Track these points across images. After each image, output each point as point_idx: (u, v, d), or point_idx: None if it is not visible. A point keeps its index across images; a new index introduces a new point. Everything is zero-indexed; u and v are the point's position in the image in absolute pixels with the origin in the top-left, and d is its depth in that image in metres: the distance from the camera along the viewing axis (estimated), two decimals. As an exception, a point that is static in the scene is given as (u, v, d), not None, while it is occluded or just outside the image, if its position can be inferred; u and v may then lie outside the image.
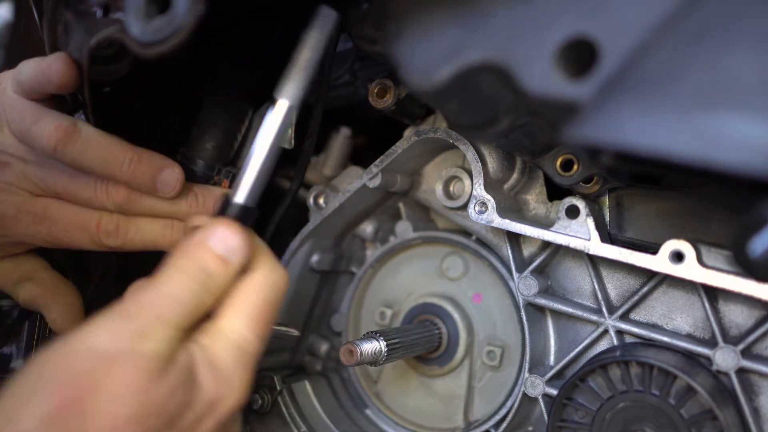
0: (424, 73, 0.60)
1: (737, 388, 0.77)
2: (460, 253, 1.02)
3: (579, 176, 0.83)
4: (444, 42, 0.59)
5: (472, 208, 0.87)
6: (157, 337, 0.54)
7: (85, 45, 0.71)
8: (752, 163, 0.41)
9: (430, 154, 0.99)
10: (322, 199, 1.01)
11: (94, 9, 0.70)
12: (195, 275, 0.59)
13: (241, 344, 0.60)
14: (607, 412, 0.80)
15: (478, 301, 1.00)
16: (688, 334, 0.83)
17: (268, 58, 1.06)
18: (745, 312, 0.79)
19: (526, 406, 0.92)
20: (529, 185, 0.94)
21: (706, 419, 0.74)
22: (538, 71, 0.54)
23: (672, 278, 0.82)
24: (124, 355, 0.52)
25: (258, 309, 0.62)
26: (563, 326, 0.91)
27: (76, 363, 0.51)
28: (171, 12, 0.59)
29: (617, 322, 0.84)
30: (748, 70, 0.43)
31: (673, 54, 0.46)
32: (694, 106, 0.44)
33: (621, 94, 0.48)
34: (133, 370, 0.52)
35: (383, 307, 1.06)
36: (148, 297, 0.57)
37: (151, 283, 0.58)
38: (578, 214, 0.83)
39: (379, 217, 1.08)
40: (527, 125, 0.69)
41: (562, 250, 0.90)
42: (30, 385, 0.51)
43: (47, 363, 0.52)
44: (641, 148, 0.45)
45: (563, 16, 0.53)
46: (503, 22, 0.56)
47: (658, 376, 0.77)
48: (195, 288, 0.59)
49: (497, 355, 0.96)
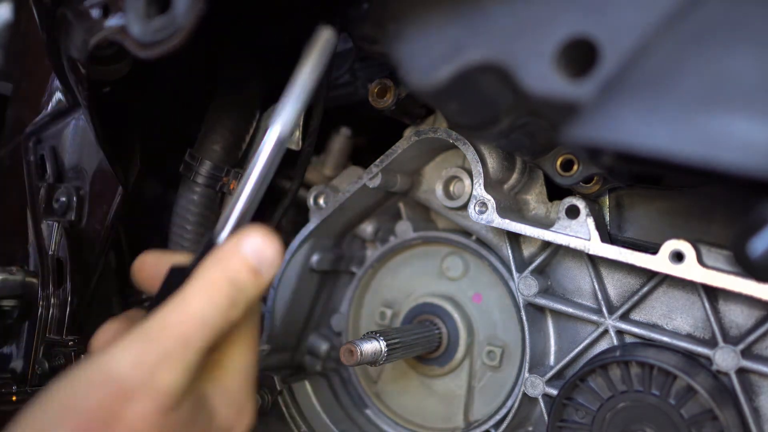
0: (424, 73, 0.60)
1: (737, 388, 0.76)
2: (460, 253, 1.02)
3: (579, 176, 0.83)
4: (444, 42, 0.59)
5: (472, 208, 0.87)
6: (178, 365, 0.52)
7: (85, 45, 0.71)
8: (752, 163, 0.41)
9: (430, 154, 0.99)
10: (322, 199, 1.01)
11: (94, 9, 0.70)
12: (225, 290, 0.55)
13: (249, 370, 0.60)
14: (607, 412, 0.80)
15: (478, 301, 1.00)
16: (688, 334, 0.83)
17: (274, 58, 1.07)
18: (745, 312, 0.79)
19: (526, 406, 0.91)
20: (529, 185, 0.94)
21: (706, 419, 0.74)
22: (538, 71, 0.54)
23: (672, 278, 0.82)
24: (142, 389, 0.51)
25: (258, 332, 0.62)
26: (563, 326, 0.91)
27: (95, 393, 0.50)
28: (171, 12, 0.59)
29: (617, 322, 0.84)
30: (749, 69, 0.42)
31: (674, 54, 0.46)
32: (694, 106, 0.44)
33: (621, 94, 0.48)
34: (151, 405, 0.51)
35: (383, 307, 1.06)
36: (175, 317, 0.54)
37: (179, 298, 0.55)
38: (578, 214, 0.83)
39: (379, 217, 1.08)
40: (527, 125, 0.69)
41: (562, 250, 0.90)
42: (49, 415, 0.51)
43: (67, 391, 0.52)
44: (641, 148, 0.45)
45: (563, 16, 0.53)
46: (503, 22, 0.56)
47: (658, 376, 0.77)
48: (223, 304, 0.55)
49: (497, 355, 0.96)
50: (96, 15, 0.70)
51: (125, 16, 0.63)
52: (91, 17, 0.70)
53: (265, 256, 0.57)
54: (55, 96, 1.17)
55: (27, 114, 1.23)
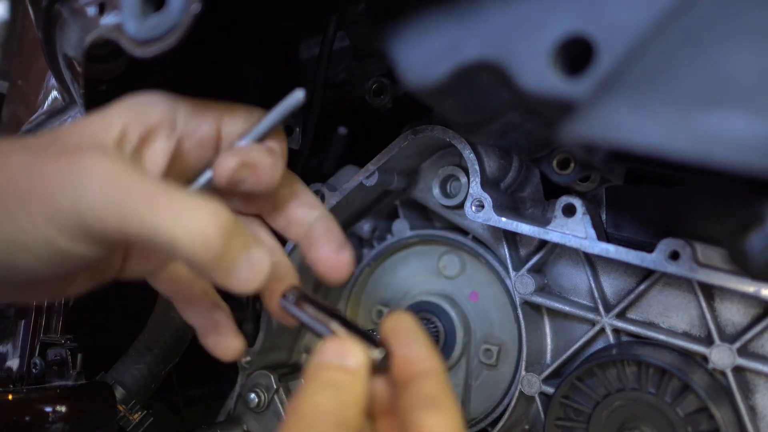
0: (421, 71, 0.60)
1: (733, 386, 0.77)
2: (457, 252, 1.02)
3: (576, 174, 0.83)
4: (440, 40, 0.59)
5: (469, 207, 0.87)
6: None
7: (80, 43, 0.71)
8: (749, 161, 0.41)
9: (427, 152, 0.99)
10: (319, 198, 1.01)
11: (90, 7, 0.70)
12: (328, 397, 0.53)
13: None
14: (604, 411, 0.80)
15: (475, 299, 1.00)
16: (684, 332, 0.83)
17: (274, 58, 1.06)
18: (741, 310, 0.80)
19: (522, 404, 0.92)
20: (526, 183, 0.94)
21: (702, 417, 0.74)
22: (534, 69, 0.54)
23: (668, 276, 0.82)
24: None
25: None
26: (560, 325, 0.91)
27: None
28: (166, 10, 0.59)
29: (614, 321, 0.85)
30: (746, 67, 0.43)
31: (670, 51, 0.46)
32: (690, 103, 0.44)
33: (617, 92, 0.48)
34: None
35: (380, 306, 1.07)
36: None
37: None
38: (575, 212, 0.83)
39: (375, 216, 1.08)
40: (524, 123, 0.69)
41: (559, 249, 0.90)
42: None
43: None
44: (638, 146, 0.45)
45: (560, 14, 0.53)
46: (500, 21, 0.56)
47: (654, 374, 0.77)
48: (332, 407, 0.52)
49: (494, 353, 0.97)
50: (92, 13, 0.69)
51: (120, 13, 0.62)
52: (87, 15, 0.70)
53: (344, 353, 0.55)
54: (51, 94, 1.17)
55: (23, 112, 1.22)
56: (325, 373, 0.54)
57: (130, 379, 1.15)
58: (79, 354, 1.16)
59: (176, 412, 1.35)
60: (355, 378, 0.55)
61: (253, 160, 0.60)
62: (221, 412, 1.09)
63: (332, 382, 0.54)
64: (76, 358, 1.17)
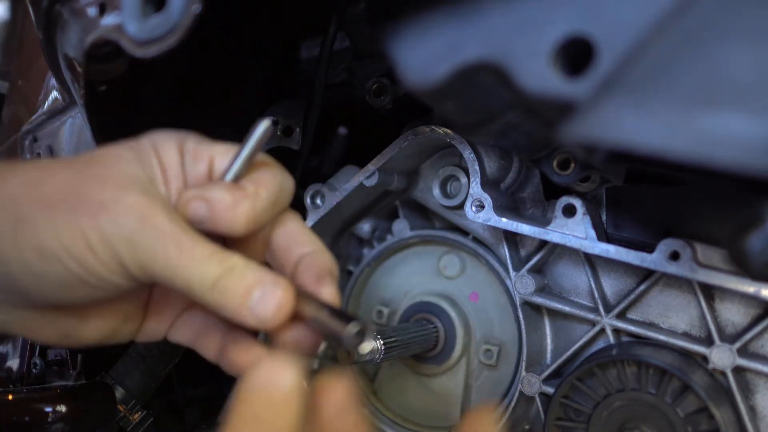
0: (421, 71, 0.60)
1: (733, 386, 0.77)
2: (457, 252, 1.02)
3: (576, 175, 0.83)
4: (440, 40, 0.59)
5: (469, 207, 0.87)
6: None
7: (81, 43, 0.71)
8: (749, 161, 0.41)
9: (427, 152, 0.99)
10: (319, 198, 1.01)
11: (90, 7, 0.70)
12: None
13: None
14: (604, 411, 0.80)
15: (475, 299, 1.00)
16: (684, 332, 0.83)
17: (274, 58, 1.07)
18: (741, 310, 0.80)
19: (522, 404, 0.92)
20: (526, 184, 0.94)
21: (702, 417, 0.74)
22: (535, 70, 0.54)
23: (668, 276, 0.82)
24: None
25: None
26: (560, 325, 0.91)
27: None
28: (167, 10, 0.59)
29: (614, 321, 0.85)
30: (746, 67, 0.43)
31: (670, 52, 0.46)
32: (691, 103, 0.44)
33: (617, 93, 0.48)
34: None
35: (380, 306, 1.07)
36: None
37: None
38: (575, 212, 0.83)
39: (376, 216, 1.08)
40: (524, 124, 0.69)
41: (559, 249, 0.90)
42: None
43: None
44: (638, 147, 0.45)
45: (560, 15, 0.53)
46: (500, 21, 0.56)
47: (655, 374, 0.77)
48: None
49: (494, 353, 0.97)
50: (92, 13, 0.69)
51: (121, 14, 0.62)
52: (87, 15, 0.70)
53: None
54: (51, 94, 1.17)
55: (23, 112, 1.23)
56: (251, 407, 0.52)
57: (130, 379, 1.15)
58: (79, 354, 1.17)
59: (176, 412, 1.35)
60: (286, 406, 0.51)
61: (209, 196, 0.56)
62: (221, 412, 1.09)
63: (260, 417, 0.51)
64: (76, 358, 1.17)
